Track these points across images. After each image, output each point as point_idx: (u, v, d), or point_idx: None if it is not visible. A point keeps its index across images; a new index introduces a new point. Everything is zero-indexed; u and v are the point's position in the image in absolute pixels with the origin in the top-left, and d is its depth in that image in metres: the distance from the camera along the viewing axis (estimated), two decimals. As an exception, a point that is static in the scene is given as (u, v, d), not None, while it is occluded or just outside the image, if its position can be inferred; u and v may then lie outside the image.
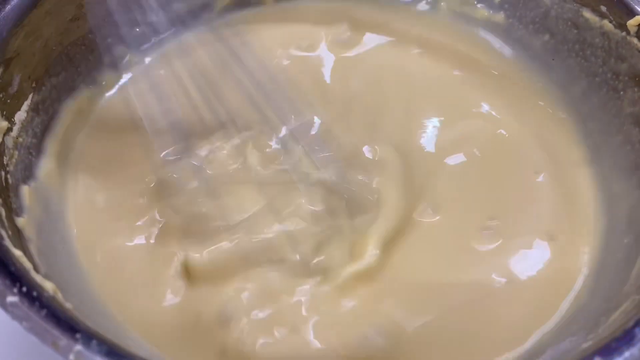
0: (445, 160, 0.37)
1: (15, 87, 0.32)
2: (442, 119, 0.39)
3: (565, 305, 0.31)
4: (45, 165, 0.34)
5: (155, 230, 0.33)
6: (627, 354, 0.22)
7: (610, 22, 0.37)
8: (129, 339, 0.27)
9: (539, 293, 0.32)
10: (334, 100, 0.39)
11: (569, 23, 0.39)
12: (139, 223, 0.33)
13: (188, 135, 0.36)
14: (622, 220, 0.34)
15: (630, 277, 0.29)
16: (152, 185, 0.34)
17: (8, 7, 0.32)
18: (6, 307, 0.21)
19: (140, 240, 0.33)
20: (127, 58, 0.41)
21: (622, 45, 0.36)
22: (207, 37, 0.40)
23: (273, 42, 0.41)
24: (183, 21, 0.39)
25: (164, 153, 0.35)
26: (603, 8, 0.37)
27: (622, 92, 0.36)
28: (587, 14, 0.38)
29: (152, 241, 0.32)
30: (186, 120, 0.36)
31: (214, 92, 0.37)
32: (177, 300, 0.30)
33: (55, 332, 0.21)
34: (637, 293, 0.27)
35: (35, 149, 0.33)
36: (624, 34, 0.36)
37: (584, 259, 0.33)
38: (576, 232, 0.34)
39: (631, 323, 0.24)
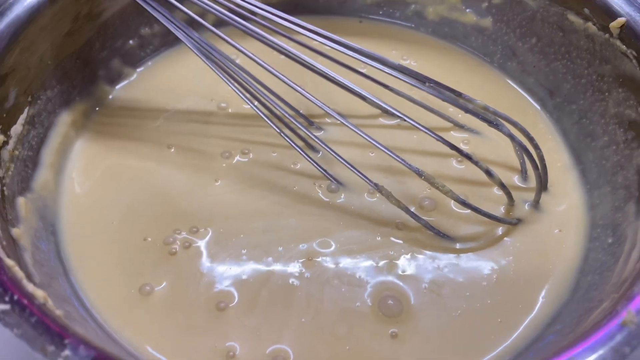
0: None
1: (11, 101, 0.33)
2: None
3: (547, 302, 0.32)
4: (41, 177, 0.35)
5: (147, 237, 0.34)
6: (601, 351, 0.23)
7: (594, 24, 0.37)
8: (120, 345, 0.28)
9: (523, 290, 0.32)
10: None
11: (555, 26, 0.40)
12: (131, 230, 0.34)
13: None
14: (607, 220, 0.34)
15: (612, 276, 0.30)
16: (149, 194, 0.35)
17: (3, 24, 0.33)
18: (-3, 315, 0.22)
19: (132, 246, 0.33)
20: (121, 70, 0.42)
21: (605, 47, 0.37)
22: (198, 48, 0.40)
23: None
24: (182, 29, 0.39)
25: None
26: (586, 10, 0.37)
27: (607, 94, 0.37)
28: (572, 17, 0.38)
29: (144, 244, 0.33)
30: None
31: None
32: (166, 303, 0.31)
33: (45, 338, 0.22)
34: (617, 292, 0.27)
35: (31, 161, 0.34)
36: (607, 36, 0.36)
37: (568, 257, 0.34)
38: (562, 230, 0.35)
39: (607, 321, 0.24)
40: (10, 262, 0.25)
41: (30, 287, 0.24)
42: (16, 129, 0.33)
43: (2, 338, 0.22)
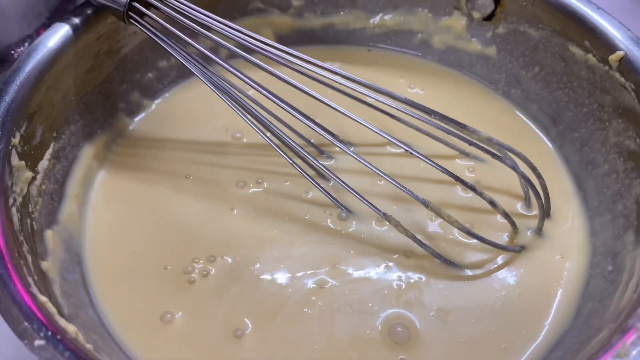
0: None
1: (38, 138, 0.35)
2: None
3: (551, 329, 0.33)
4: (67, 209, 0.36)
5: (167, 266, 0.35)
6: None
7: (594, 56, 0.38)
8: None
9: (528, 316, 0.34)
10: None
11: (557, 56, 0.41)
12: (151, 259, 0.36)
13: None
14: (607, 247, 0.35)
15: (611, 305, 0.31)
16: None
17: (30, 65, 0.35)
18: (34, 350, 0.24)
19: (153, 275, 0.35)
20: (139, 102, 0.43)
21: (605, 79, 0.38)
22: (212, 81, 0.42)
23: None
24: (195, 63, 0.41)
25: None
26: (587, 43, 0.39)
27: (607, 123, 0.38)
28: (573, 48, 0.40)
29: (164, 273, 0.35)
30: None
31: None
32: (186, 331, 0.33)
33: (77, 372, 0.23)
34: (614, 321, 0.28)
35: (57, 194, 0.36)
36: (606, 68, 0.38)
37: (570, 283, 0.35)
38: (564, 257, 0.36)
39: (603, 353, 0.25)
40: (43, 299, 0.27)
41: (62, 322, 0.26)
42: (43, 164, 0.35)
43: None
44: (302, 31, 0.48)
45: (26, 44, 0.51)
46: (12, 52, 0.50)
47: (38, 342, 0.24)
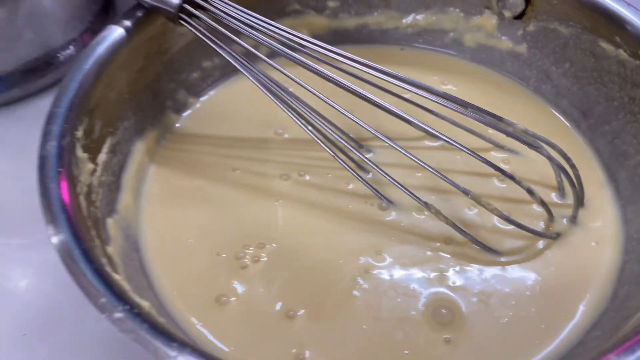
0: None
1: (97, 133, 0.37)
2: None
3: (588, 310, 0.34)
4: (123, 200, 0.38)
5: (221, 252, 0.37)
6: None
7: (625, 51, 0.40)
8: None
9: (565, 299, 0.35)
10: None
11: (587, 52, 0.43)
12: (205, 246, 0.38)
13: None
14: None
15: (648, 285, 0.33)
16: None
17: (88, 65, 0.37)
18: (114, 322, 0.26)
19: (207, 261, 0.37)
20: (186, 101, 0.46)
21: (636, 73, 0.39)
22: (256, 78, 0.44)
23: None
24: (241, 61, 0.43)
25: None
26: (617, 39, 0.40)
27: (638, 116, 0.40)
28: (604, 44, 0.41)
29: (218, 259, 0.37)
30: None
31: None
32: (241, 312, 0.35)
33: (156, 342, 0.25)
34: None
35: (114, 186, 0.38)
36: (637, 62, 0.39)
37: (605, 269, 0.37)
38: (599, 243, 0.38)
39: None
40: (118, 277, 0.29)
41: (136, 297, 0.28)
42: (102, 157, 0.37)
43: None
44: (337, 31, 0.49)
45: (70, 47, 0.53)
46: (58, 55, 0.53)
47: (117, 315, 0.26)
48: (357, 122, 0.38)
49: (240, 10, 0.39)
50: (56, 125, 0.34)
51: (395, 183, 0.38)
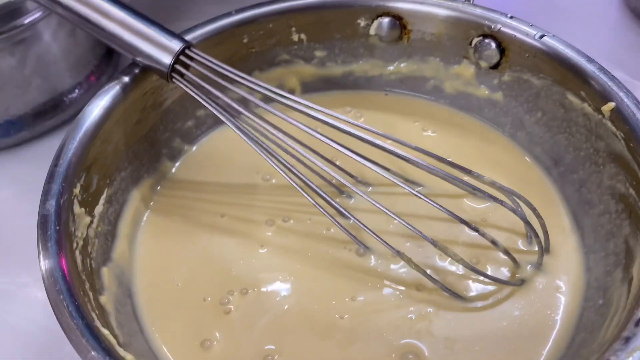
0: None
1: (94, 186, 0.40)
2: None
3: (547, 357, 0.37)
4: (119, 248, 0.41)
5: (207, 297, 0.40)
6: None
7: (589, 105, 0.42)
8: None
9: (527, 345, 0.38)
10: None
11: (557, 103, 0.45)
12: (193, 291, 0.41)
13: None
14: (600, 282, 0.39)
15: (599, 336, 0.35)
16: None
17: (87, 124, 0.40)
18: (100, 377, 0.29)
19: (194, 305, 0.40)
20: (180, 148, 0.49)
21: (599, 126, 0.42)
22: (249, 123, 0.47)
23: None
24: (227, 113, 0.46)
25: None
26: (583, 93, 0.43)
27: (602, 167, 0.42)
28: (571, 97, 0.44)
29: (204, 304, 0.40)
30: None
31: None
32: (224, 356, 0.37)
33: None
34: (598, 352, 0.32)
35: (110, 235, 0.41)
36: (600, 117, 0.41)
37: (566, 315, 0.39)
38: (561, 290, 0.40)
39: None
40: (105, 332, 0.32)
41: (121, 351, 0.31)
42: (98, 208, 0.41)
43: None
44: (324, 78, 0.52)
45: (76, 90, 0.57)
46: (65, 98, 0.56)
47: (103, 370, 0.29)
48: (331, 174, 0.41)
49: (224, 68, 0.42)
50: (55, 184, 0.37)
51: (369, 231, 0.40)
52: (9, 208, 0.51)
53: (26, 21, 0.50)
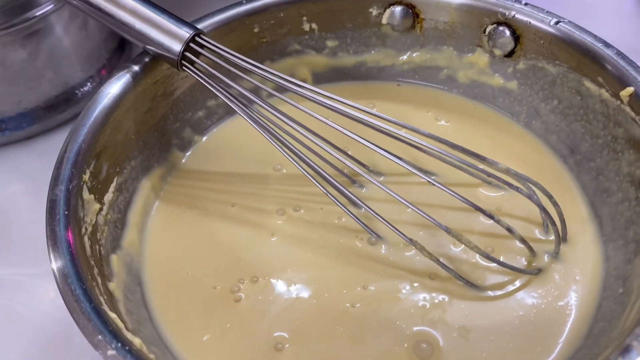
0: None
1: (104, 174, 0.40)
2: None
3: (565, 347, 0.36)
4: (128, 236, 0.41)
5: (217, 286, 0.40)
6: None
7: (607, 91, 0.41)
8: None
9: (543, 335, 0.37)
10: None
11: (573, 90, 0.44)
12: (202, 279, 0.40)
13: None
14: (619, 271, 0.38)
15: (619, 324, 0.34)
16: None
17: (97, 111, 0.40)
18: (107, 359, 0.28)
19: (204, 294, 0.39)
20: (191, 138, 0.48)
21: (617, 112, 0.41)
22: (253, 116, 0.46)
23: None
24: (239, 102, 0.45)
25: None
26: (600, 79, 0.42)
27: (620, 154, 0.41)
28: (588, 83, 0.43)
29: (214, 292, 0.39)
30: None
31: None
32: (233, 345, 0.37)
33: (143, 378, 0.28)
34: (618, 339, 0.31)
35: (120, 222, 0.41)
36: (618, 102, 0.41)
37: (584, 305, 0.38)
38: (579, 279, 0.39)
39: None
40: (113, 315, 0.31)
41: (129, 335, 0.31)
42: (108, 196, 0.40)
43: None
44: (336, 69, 0.52)
45: (88, 84, 0.57)
46: (76, 91, 0.56)
47: (110, 352, 0.29)
48: (343, 162, 0.40)
49: (236, 56, 0.41)
50: (65, 169, 0.37)
51: (381, 219, 0.40)
52: (20, 201, 0.51)
53: (38, 13, 0.50)
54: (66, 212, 0.35)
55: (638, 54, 0.56)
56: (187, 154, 0.48)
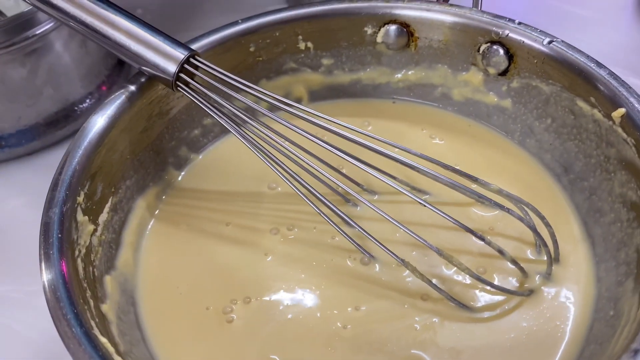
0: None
1: (98, 194, 0.40)
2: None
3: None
4: (123, 256, 0.41)
5: (209, 306, 0.40)
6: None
7: (599, 111, 0.41)
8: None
9: (535, 357, 0.37)
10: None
11: (567, 110, 0.44)
12: (195, 300, 0.40)
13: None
14: (610, 293, 0.38)
15: (609, 348, 0.34)
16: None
17: (92, 132, 0.41)
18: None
19: (196, 314, 0.40)
20: (187, 156, 0.49)
21: (610, 133, 0.41)
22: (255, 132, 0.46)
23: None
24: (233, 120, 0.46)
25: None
26: (592, 99, 0.42)
27: (612, 174, 0.41)
28: (581, 103, 0.43)
29: (206, 313, 0.40)
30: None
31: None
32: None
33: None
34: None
35: (114, 243, 0.41)
36: (610, 123, 0.41)
37: (576, 326, 0.38)
38: (571, 300, 0.39)
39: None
40: (103, 340, 0.32)
41: (119, 359, 0.31)
42: (103, 216, 0.41)
43: None
44: (332, 86, 0.52)
45: (88, 100, 0.57)
46: (76, 108, 0.57)
47: (99, 377, 0.29)
48: (337, 183, 0.40)
49: (230, 77, 0.42)
50: (59, 192, 0.37)
51: (373, 240, 0.40)
52: (19, 216, 0.52)
53: (38, 32, 0.51)
54: (59, 235, 0.35)
55: (637, 71, 0.57)
56: (183, 172, 0.48)
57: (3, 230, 0.51)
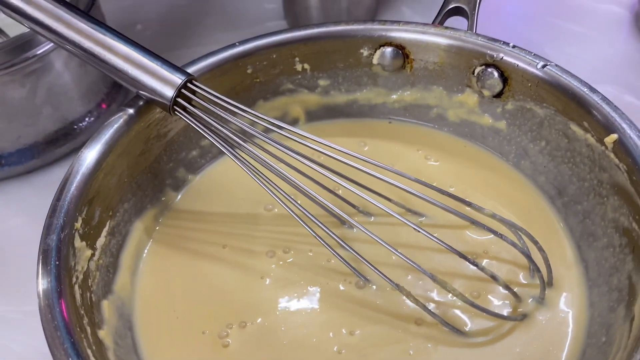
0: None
1: (96, 219, 0.41)
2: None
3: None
4: (120, 280, 0.42)
5: (205, 330, 0.40)
6: None
7: (592, 136, 0.42)
8: None
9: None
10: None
11: (561, 133, 0.45)
12: (192, 323, 0.41)
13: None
14: (603, 319, 0.38)
15: (600, 376, 0.34)
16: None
17: (90, 157, 0.41)
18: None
19: (192, 338, 0.40)
20: (184, 178, 0.49)
21: (602, 158, 0.41)
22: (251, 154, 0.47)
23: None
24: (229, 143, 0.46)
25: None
26: (585, 123, 0.42)
27: (605, 199, 0.41)
28: (574, 127, 0.43)
29: (202, 337, 0.40)
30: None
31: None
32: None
33: None
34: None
35: (112, 267, 0.42)
36: (603, 148, 0.41)
37: (570, 351, 0.38)
38: (564, 325, 0.39)
39: None
40: (99, 369, 0.32)
41: (114, 390, 0.32)
42: (100, 241, 0.41)
43: None
44: (329, 107, 0.53)
45: (87, 118, 0.58)
46: (75, 127, 0.57)
47: (95, 408, 0.29)
48: (330, 206, 0.41)
49: (226, 101, 0.42)
50: (57, 218, 0.38)
51: (368, 264, 0.40)
52: (19, 235, 0.52)
53: (39, 52, 0.51)
54: (57, 263, 0.36)
55: (634, 89, 0.57)
56: (181, 193, 0.49)
57: (2, 248, 0.51)
